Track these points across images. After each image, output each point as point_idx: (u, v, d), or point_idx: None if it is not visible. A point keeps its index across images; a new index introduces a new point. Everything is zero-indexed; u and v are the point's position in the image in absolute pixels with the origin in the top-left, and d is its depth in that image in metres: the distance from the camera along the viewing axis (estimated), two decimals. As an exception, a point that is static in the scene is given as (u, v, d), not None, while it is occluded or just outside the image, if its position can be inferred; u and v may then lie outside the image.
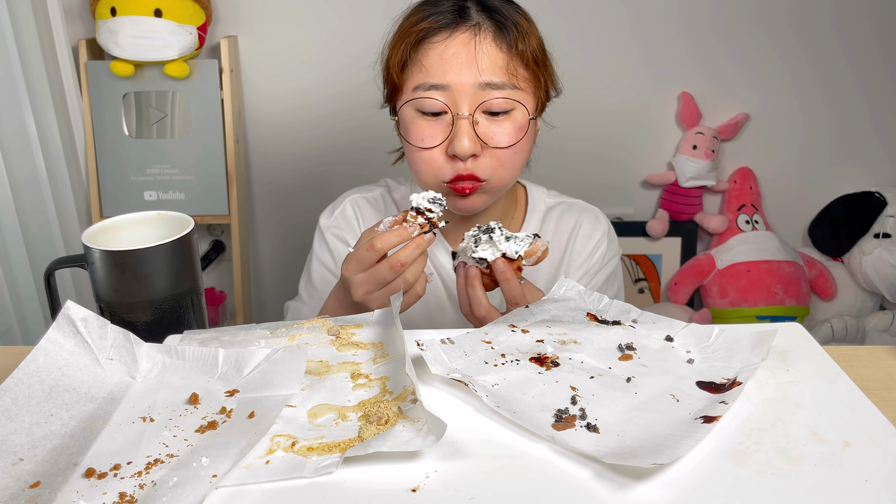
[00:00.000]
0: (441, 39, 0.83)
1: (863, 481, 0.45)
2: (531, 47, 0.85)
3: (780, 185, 2.02)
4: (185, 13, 1.68)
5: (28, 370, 0.53)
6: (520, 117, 0.85)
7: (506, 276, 0.74)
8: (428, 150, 0.85)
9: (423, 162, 0.86)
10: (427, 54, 0.84)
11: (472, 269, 0.76)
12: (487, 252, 0.74)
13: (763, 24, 1.85)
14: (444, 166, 0.85)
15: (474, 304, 0.75)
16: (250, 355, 0.58)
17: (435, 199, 0.73)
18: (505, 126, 0.84)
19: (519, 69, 0.84)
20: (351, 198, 1.03)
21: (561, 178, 1.92)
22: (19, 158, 1.58)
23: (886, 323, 1.93)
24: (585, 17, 1.85)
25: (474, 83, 0.82)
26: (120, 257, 0.68)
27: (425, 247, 0.73)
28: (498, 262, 0.74)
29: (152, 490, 0.44)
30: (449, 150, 0.84)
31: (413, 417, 0.51)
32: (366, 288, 0.74)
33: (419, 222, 0.73)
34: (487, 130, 0.84)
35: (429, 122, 0.84)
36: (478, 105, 0.83)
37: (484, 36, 0.83)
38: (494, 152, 0.84)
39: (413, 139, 0.85)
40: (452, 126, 0.83)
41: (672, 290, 2.00)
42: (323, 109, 1.91)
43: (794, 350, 0.61)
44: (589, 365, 0.58)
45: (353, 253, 0.76)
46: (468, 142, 0.82)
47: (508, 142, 0.84)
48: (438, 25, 0.84)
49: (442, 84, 0.83)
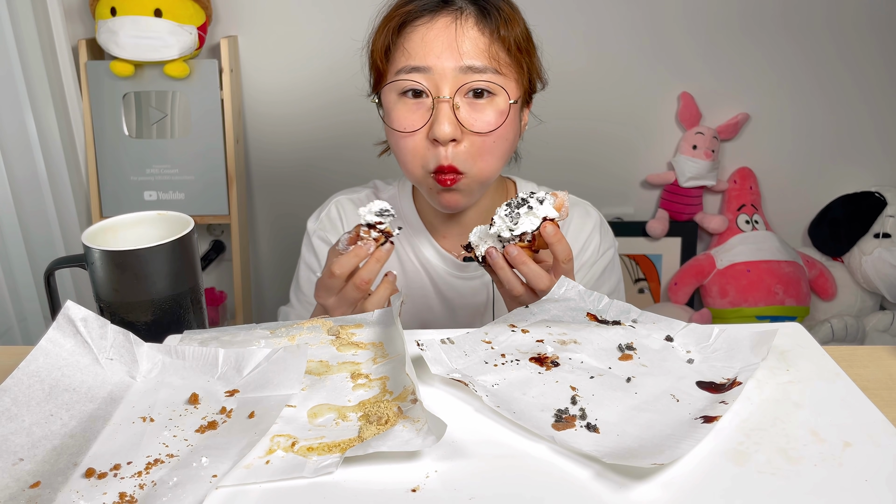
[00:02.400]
0: (423, 23, 0.83)
1: (863, 481, 0.45)
2: (514, 34, 0.85)
3: (780, 185, 2.02)
4: (185, 13, 1.68)
5: (28, 370, 0.53)
6: (501, 103, 0.84)
7: (558, 237, 0.72)
8: (410, 137, 0.84)
9: (406, 150, 0.86)
10: (409, 38, 0.84)
11: (514, 249, 0.73)
12: (527, 223, 0.72)
13: (763, 24, 1.85)
14: (427, 153, 0.84)
15: (535, 279, 0.73)
16: (250, 355, 0.58)
17: (382, 211, 0.73)
18: (486, 112, 0.84)
19: (501, 54, 0.84)
20: (336, 200, 1.03)
21: (561, 177, 1.93)
22: (19, 159, 1.58)
23: (886, 323, 1.93)
24: (585, 17, 1.85)
25: (455, 66, 0.82)
26: (120, 257, 0.68)
27: (385, 259, 0.74)
28: (547, 226, 0.71)
29: (152, 490, 0.44)
30: (429, 134, 0.83)
31: (413, 417, 0.51)
32: (341, 310, 0.77)
33: (373, 236, 0.73)
34: (468, 116, 0.83)
35: (410, 107, 0.84)
36: (458, 88, 0.82)
37: (466, 19, 0.83)
38: (475, 139, 0.84)
39: (395, 124, 0.85)
40: (433, 110, 0.83)
41: (672, 290, 2.00)
42: (324, 107, 1.91)
43: (794, 350, 0.61)
44: (589, 365, 0.58)
45: (319, 280, 0.78)
46: (448, 126, 0.81)
47: (489, 127, 0.83)
48: (421, 8, 0.84)
49: (423, 66, 0.82)
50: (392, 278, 0.78)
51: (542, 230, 0.72)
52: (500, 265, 0.74)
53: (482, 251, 0.75)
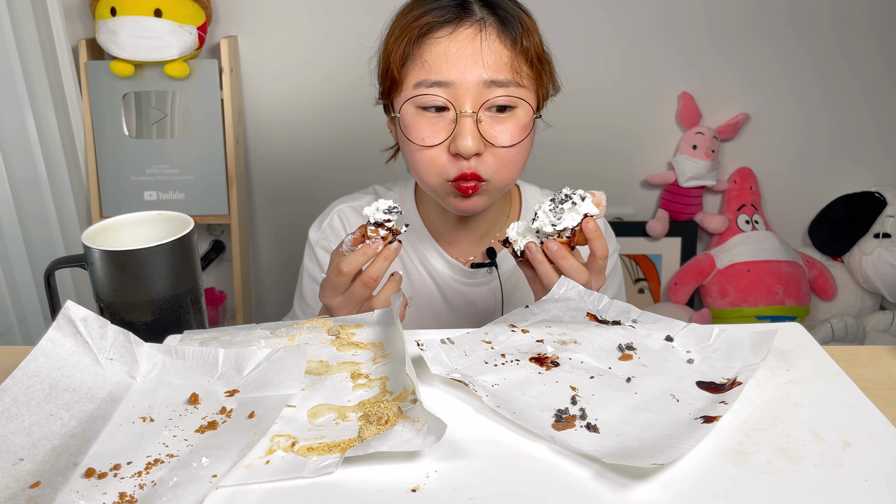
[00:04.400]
0: (444, 35, 0.82)
1: (863, 481, 0.45)
2: (534, 44, 0.84)
3: (780, 185, 2.02)
4: (185, 13, 1.68)
5: (28, 370, 0.53)
6: (523, 115, 0.84)
7: (598, 233, 0.72)
8: (429, 150, 0.83)
9: (424, 162, 0.84)
10: (430, 50, 0.82)
11: (554, 244, 0.73)
12: (569, 219, 0.72)
13: (763, 25, 1.85)
14: (448, 165, 0.83)
15: (575, 273, 0.73)
16: (250, 355, 0.58)
17: (390, 208, 0.73)
18: (508, 124, 0.83)
19: (523, 66, 0.83)
20: (338, 208, 1.01)
21: (561, 177, 1.92)
22: (19, 158, 1.58)
23: (886, 323, 1.93)
24: (586, 17, 1.85)
25: (478, 80, 0.81)
26: (120, 257, 0.68)
27: (393, 257, 0.74)
28: (590, 222, 0.72)
29: (152, 490, 0.44)
30: (451, 148, 0.82)
31: (413, 417, 0.51)
32: (346, 310, 0.76)
33: (381, 235, 0.73)
34: (490, 129, 0.82)
35: (430, 121, 0.83)
36: (482, 104, 0.81)
37: (489, 32, 0.82)
38: (498, 151, 0.83)
39: (414, 137, 0.84)
40: (455, 124, 0.82)
41: (672, 290, 2.00)
42: (323, 109, 1.91)
43: (794, 350, 0.61)
44: (589, 365, 0.58)
45: (325, 280, 0.77)
46: (472, 140, 0.80)
47: (512, 140, 0.83)
48: (442, 20, 0.82)
49: (445, 81, 0.81)
50: (398, 278, 0.77)
51: (585, 226, 0.72)
52: (539, 259, 0.74)
53: (521, 246, 0.76)
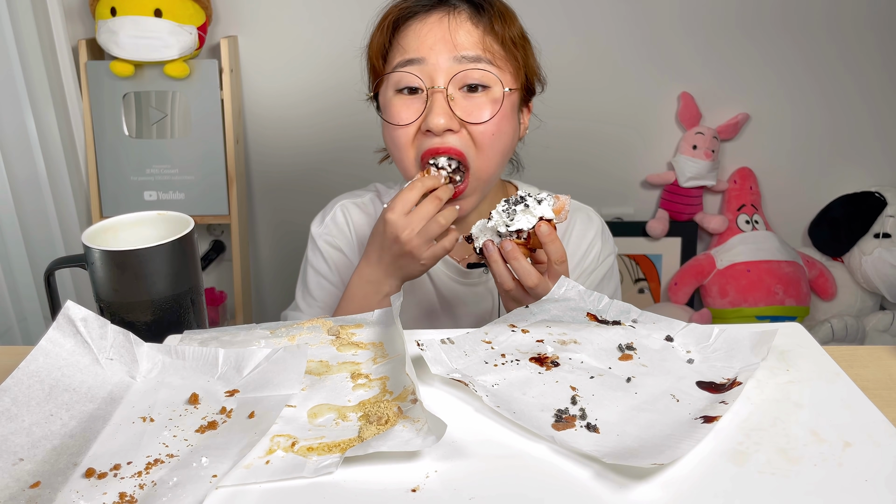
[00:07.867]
0: (418, 20, 0.85)
1: (863, 481, 0.45)
2: (507, 29, 0.86)
3: (780, 185, 2.02)
4: (185, 13, 1.68)
5: (28, 370, 0.53)
6: (496, 93, 0.85)
7: (552, 237, 0.74)
8: (404, 129, 0.85)
9: (400, 144, 0.86)
10: (404, 35, 0.86)
11: (509, 243, 0.74)
12: (523, 221, 0.74)
13: (762, 24, 1.85)
14: (420, 139, 0.85)
15: (524, 275, 0.74)
16: (250, 355, 0.58)
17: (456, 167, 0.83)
18: (480, 101, 0.84)
19: (495, 46, 0.85)
20: (340, 203, 1.02)
21: (561, 177, 1.93)
22: (19, 159, 1.58)
23: (886, 323, 1.93)
24: (586, 17, 1.85)
25: (449, 57, 0.83)
26: (120, 257, 0.68)
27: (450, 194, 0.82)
28: (542, 225, 0.73)
29: (152, 490, 0.44)
30: (423, 125, 0.84)
31: (413, 417, 0.51)
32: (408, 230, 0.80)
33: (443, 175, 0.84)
34: (463, 106, 0.84)
35: (405, 101, 0.85)
36: (452, 77, 0.83)
37: (459, 14, 0.85)
38: (472, 129, 0.84)
39: (389, 117, 0.86)
40: (427, 102, 0.83)
41: (672, 290, 2.00)
42: (323, 109, 1.91)
43: (794, 350, 0.61)
44: (589, 365, 0.58)
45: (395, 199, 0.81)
46: (443, 117, 0.82)
47: (485, 117, 0.84)
48: (415, 6, 0.86)
49: (417, 58, 0.84)
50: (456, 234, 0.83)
51: (537, 229, 0.74)
52: (493, 258, 0.76)
53: (480, 243, 0.78)
